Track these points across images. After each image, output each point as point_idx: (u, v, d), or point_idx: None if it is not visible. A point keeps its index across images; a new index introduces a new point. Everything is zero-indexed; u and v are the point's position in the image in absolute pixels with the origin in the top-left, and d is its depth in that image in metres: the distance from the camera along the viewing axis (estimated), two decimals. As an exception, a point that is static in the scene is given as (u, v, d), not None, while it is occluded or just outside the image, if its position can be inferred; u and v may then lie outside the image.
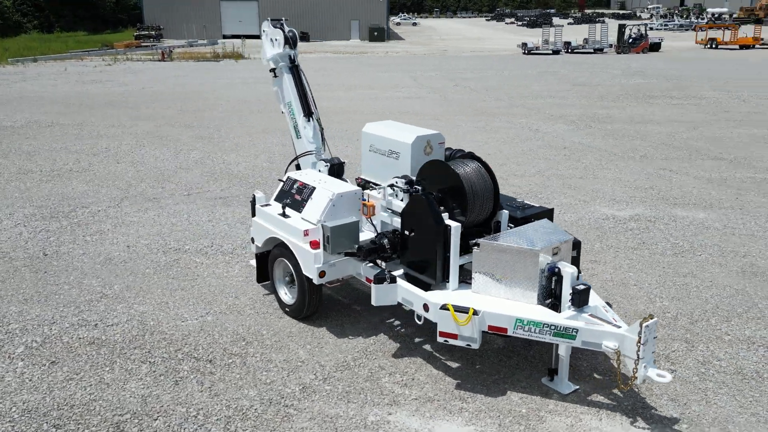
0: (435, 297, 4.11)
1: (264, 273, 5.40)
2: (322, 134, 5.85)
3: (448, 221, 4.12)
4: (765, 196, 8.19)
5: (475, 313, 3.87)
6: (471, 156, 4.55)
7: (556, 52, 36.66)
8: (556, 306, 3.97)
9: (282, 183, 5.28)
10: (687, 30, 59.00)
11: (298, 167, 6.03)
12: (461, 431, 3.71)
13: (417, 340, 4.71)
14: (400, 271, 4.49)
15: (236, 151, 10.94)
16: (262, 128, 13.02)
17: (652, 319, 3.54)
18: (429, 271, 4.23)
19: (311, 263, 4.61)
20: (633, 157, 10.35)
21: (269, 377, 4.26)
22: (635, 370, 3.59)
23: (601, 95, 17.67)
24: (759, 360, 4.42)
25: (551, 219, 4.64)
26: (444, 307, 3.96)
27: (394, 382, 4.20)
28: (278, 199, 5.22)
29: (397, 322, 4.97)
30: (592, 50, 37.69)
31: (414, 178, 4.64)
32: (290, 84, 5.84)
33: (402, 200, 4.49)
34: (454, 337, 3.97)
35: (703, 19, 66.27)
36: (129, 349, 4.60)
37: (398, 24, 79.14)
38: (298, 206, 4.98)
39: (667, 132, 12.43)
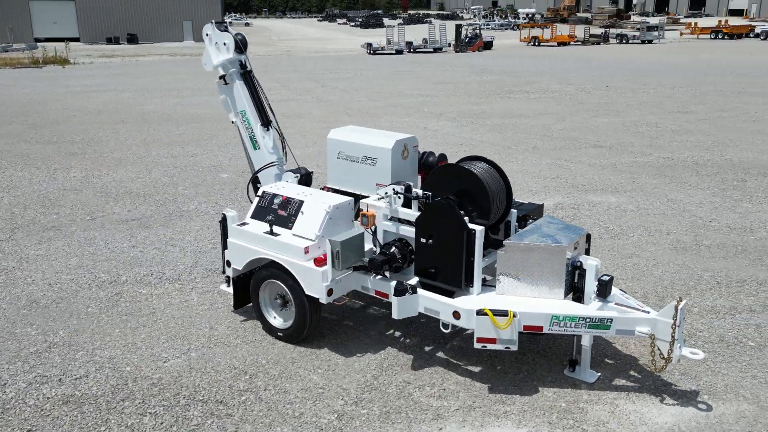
0: (467, 303, 4.05)
1: (243, 298, 4.98)
2: (283, 143, 5.51)
3: (471, 225, 4.07)
4: (655, 177, 9.11)
5: (514, 315, 3.88)
6: (478, 157, 4.53)
7: (399, 52, 37.87)
8: (580, 299, 4.09)
9: (259, 199, 4.90)
10: (507, 29, 63.84)
11: (254, 182, 5.64)
12: (520, 435, 3.70)
13: (427, 348, 4.62)
14: (414, 280, 4.36)
15: (123, 167, 9.96)
16: (141, 140, 11.99)
17: (682, 301, 3.78)
18: (453, 277, 4.15)
19: (317, 281, 4.33)
20: (526, 149, 10.99)
21: (295, 409, 3.93)
22: (670, 351, 3.81)
23: (467, 92, 18.55)
24: (732, 327, 4.90)
25: (541, 214, 4.78)
26: (481, 312, 3.92)
27: (428, 395, 4.08)
28: (257, 216, 4.83)
29: (397, 333, 4.84)
30: (432, 50, 39.46)
31: (408, 184, 4.53)
32: (243, 91, 5.42)
33: (412, 208, 4.37)
34: (493, 341, 3.94)
35: (517, 18, 72.17)
36: (117, 403, 4.00)
37: (231, 24, 76.87)
38: (286, 222, 4.65)
39: (541, 124, 13.36)
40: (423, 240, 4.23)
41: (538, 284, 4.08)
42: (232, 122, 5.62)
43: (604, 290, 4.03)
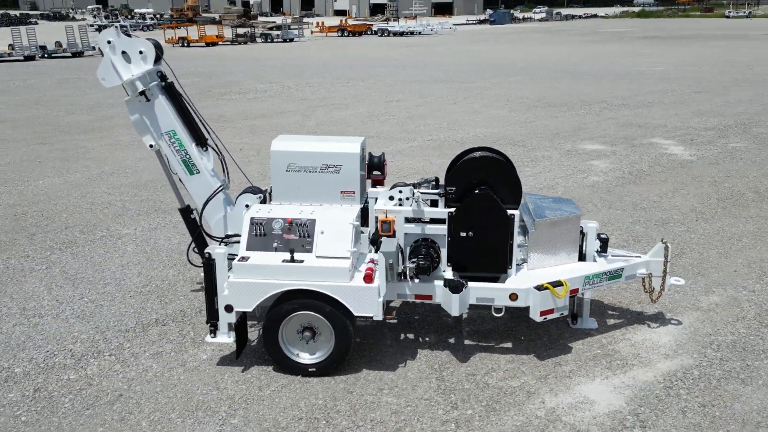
0: (521, 283, 4.32)
1: (242, 343, 4.32)
2: (223, 162, 4.82)
3: (510, 211, 4.32)
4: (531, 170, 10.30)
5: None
6: (481, 148, 4.71)
7: (29, 58, 32.93)
8: (584, 258, 4.73)
9: (250, 227, 4.26)
10: (136, 30, 60.56)
11: (187, 214, 4.82)
12: (604, 385, 4.17)
13: (451, 340, 4.71)
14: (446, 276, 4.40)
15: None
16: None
17: (665, 242, 4.71)
18: (499, 264, 4.36)
19: (372, 299, 4.05)
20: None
21: (403, 421, 3.71)
22: (663, 284, 4.72)
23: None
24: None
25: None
26: (541, 287, 4.24)
27: (501, 378, 4.24)
28: (253, 247, 4.21)
29: (410, 336, 4.79)
30: (71, 54, 35.30)
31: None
32: (169, 107, 4.58)
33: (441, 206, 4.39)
34: (552, 312, 4.31)
35: (144, 19, 68.99)
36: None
37: None
38: (300, 246, 4.19)
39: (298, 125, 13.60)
40: (463, 234, 4.33)
41: (559, 253, 4.58)
42: (151, 147, 4.67)
43: (605, 247, 4.74)
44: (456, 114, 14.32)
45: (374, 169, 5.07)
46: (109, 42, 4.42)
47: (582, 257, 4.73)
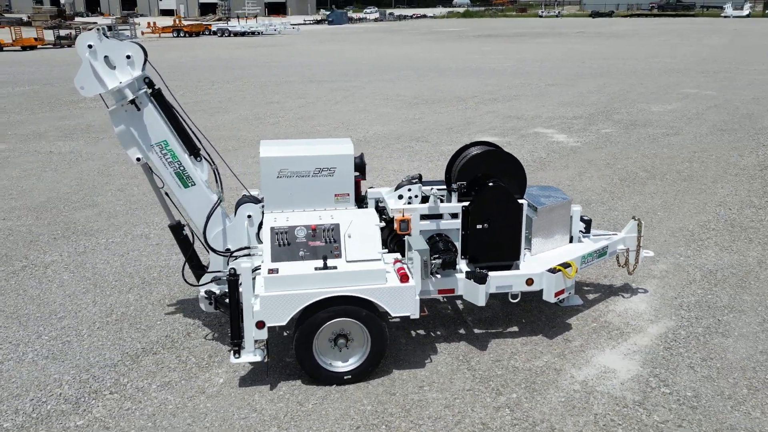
0: (534, 268, 4.54)
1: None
2: (216, 173, 4.52)
3: (520, 201, 4.52)
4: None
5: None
6: (479, 143, 4.83)
7: None
8: (571, 239, 5.07)
9: (272, 238, 4.06)
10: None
11: (179, 230, 4.49)
12: (614, 354, 4.53)
13: (462, 331, 4.83)
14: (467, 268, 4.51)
15: None
16: None
17: (637, 219, 5.19)
18: (513, 252, 4.55)
19: (410, 298, 4.05)
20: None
21: (472, 423, 3.78)
22: (637, 257, 5.20)
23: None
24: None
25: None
26: (553, 270, 4.49)
27: (525, 359, 4.44)
28: (279, 258, 4.03)
29: (421, 332, 4.83)
30: None
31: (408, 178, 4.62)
32: (159, 116, 4.22)
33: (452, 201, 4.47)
34: (563, 292, 4.58)
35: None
36: None
37: None
38: (328, 252, 4.08)
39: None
40: (479, 226, 4.46)
41: (555, 237, 4.88)
42: (138, 161, 4.27)
43: (589, 228, 5.12)
44: (345, 114, 14.39)
45: (356, 170, 5.04)
46: (90, 46, 3.97)
47: (570, 239, 5.07)
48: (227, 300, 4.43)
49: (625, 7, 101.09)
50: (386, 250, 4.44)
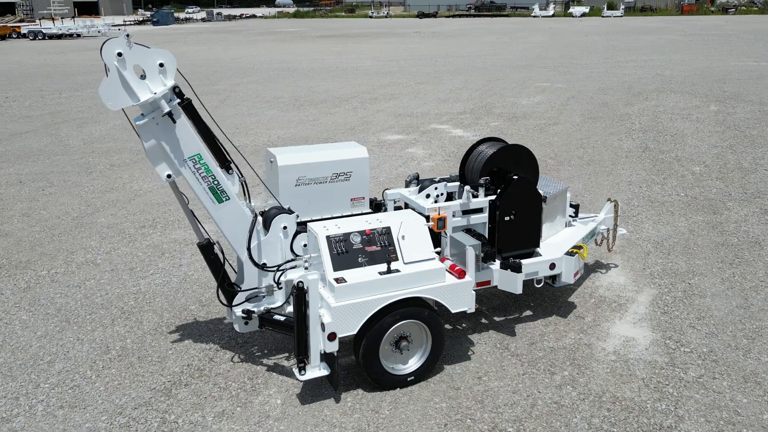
0: (554, 254, 4.84)
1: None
2: (244, 185, 4.27)
3: (540, 191, 4.79)
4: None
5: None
6: (490, 139, 4.99)
7: None
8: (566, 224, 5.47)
9: (329, 246, 3.94)
10: None
11: (210, 250, 4.21)
12: (626, 324, 4.97)
13: (475, 320, 5.01)
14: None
15: None
16: None
17: (613, 200, 5.70)
18: (533, 240, 4.81)
19: (467, 293, 4.15)
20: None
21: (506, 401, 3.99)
22: (614, 235, 5.73)
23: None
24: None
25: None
26: (570, 253, 4.83)
27: (554, 341, 4.74)
28: (340, 267, 3.93)
29: (448, 326, 4.94)
30: None
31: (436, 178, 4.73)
32: (192, 128, 3.91)
33: (480, 196, 4.63)
34: (578, 273, 4.94)
35: None
36: None
37: None
38: (386, 256, 4.06)
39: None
40: (507, 218, 4.66)
41: (555, 221, 5.24)
42: (168, 178, 3.92)
43: (577, 212, 5.54)
44: (233, 118, 13.89)
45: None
46: (119, 54, 3.57)
47: (565, 224, 5.47)
48: (276, 317, 4.26)
49: (445, 8, 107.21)
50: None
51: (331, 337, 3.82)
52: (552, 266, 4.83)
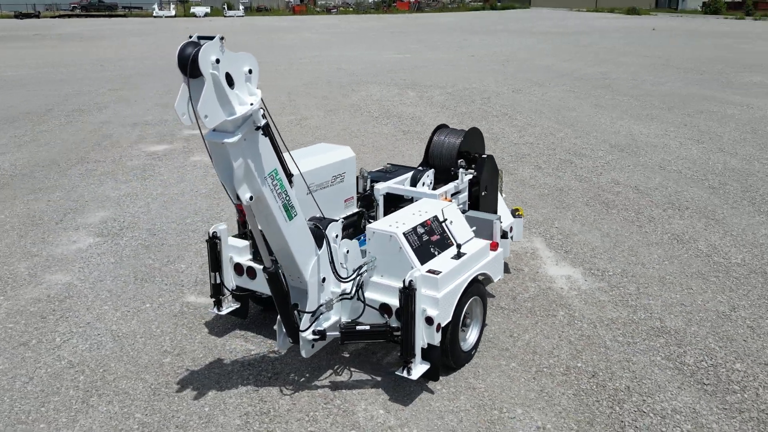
0: (507, 217, 5.50)
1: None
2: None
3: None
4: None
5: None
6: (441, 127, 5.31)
7: None
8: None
9: (407, 242, 3.97)
10: None
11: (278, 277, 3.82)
12: (559, 269, 5.97)
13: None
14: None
15: None
16: None
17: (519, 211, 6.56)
18: (494, 209, 5.41)
19: (500, 263, 4.60)
20: None
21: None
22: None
23: None
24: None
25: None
26: (517, 215, 5.58)
27: (536, 332, 5.49)
28: (423, 260, 4.02)
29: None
30: None
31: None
32: (269, 142, 3.48)
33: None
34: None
35: None
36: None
37: None
38: (445, 242, 4.28)
39: None
40: (483, 193, 5.19)
41: (485, 194, 5.95)
42: (250, 200, 3.42)
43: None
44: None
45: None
46: (217, 61, 2.99)
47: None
48: (359, 327, 4.07)
49: (42, 7, 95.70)
50: None
51: (439, 328, 3.89)
52: (510, 229, 5.54)
